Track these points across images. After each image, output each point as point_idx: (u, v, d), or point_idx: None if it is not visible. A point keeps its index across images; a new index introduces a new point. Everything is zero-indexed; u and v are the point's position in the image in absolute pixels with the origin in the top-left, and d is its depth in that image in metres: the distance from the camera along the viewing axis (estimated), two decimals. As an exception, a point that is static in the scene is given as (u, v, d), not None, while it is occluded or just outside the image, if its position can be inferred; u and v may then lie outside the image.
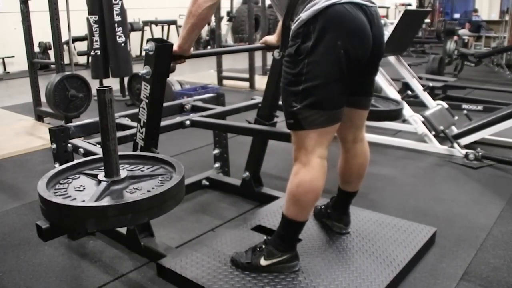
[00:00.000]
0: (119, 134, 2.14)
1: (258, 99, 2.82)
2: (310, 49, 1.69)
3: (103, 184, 1.46)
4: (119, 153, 1.53)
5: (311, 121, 1.78)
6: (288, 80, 1.77)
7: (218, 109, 2.83)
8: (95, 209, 1.32)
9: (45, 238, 1.57)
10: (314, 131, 1.80)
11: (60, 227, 1.59)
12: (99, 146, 2.22)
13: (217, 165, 3.28)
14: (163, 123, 2.29)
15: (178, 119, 2.54)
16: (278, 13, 1.98)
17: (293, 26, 1.75)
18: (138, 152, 1.72)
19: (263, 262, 1.97)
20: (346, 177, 2.21)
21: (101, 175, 1.51)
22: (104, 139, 1.44)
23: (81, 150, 2.21)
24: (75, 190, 1.47)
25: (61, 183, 1.52)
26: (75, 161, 1.64)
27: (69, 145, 2.29)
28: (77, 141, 2.28)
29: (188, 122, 2.52)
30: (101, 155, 1.53)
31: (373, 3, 1.81)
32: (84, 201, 1.39)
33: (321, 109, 1.76)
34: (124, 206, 1.33)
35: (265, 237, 2.07)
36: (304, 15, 1.70)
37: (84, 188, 1.48)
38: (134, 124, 2.17)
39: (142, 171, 1.61)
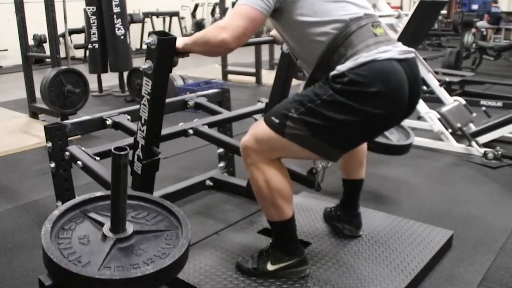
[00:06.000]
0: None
1: (266, 101, 2.82)
2: (343, 89, 1.65)
3: (109, 242, 1.49)
4: None
5: (296, 134, 1.72)
6: (308, 92, 1.73)
7: (224, 114, 2.84)
8: (100, 281, 1.36)
9: None
10: (293, 145, 1.75)
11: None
12: (99, 158, 2.25)
13: (221, 164, 3.28)
14: (164, 132, 2.27)
15: (180, 126, 2.56)
16: (304, 65, 1.92)
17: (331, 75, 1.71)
18: (140, 194, 1.74)
19: (270, 267, 1.97)
20: (346, 165, 2.23)
21: (106, 227, 1.54)
22: (113, 200, 1.49)
23: (79, 163, 2.20)
24: (79, 242, 1.51)
25: (64, 229, 1.55)
26: (79, 199, 1.66)
27: (67, 153, 2.26)
28: (75, 150, 2.25)
29: (191, 132, 2.54)
30: (106, 194, 1.61)
31: (410, 51, 1.78)
32: (89, 262, 1.42)
33: (321, 139, 1.72)
34: (131, 281, 1.38)
35: (271, 241, 2.07)
36: (341, 67, 1.66)
37: (88, 241, 1.51)
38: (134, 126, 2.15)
39: (147, 220, 1.64)
